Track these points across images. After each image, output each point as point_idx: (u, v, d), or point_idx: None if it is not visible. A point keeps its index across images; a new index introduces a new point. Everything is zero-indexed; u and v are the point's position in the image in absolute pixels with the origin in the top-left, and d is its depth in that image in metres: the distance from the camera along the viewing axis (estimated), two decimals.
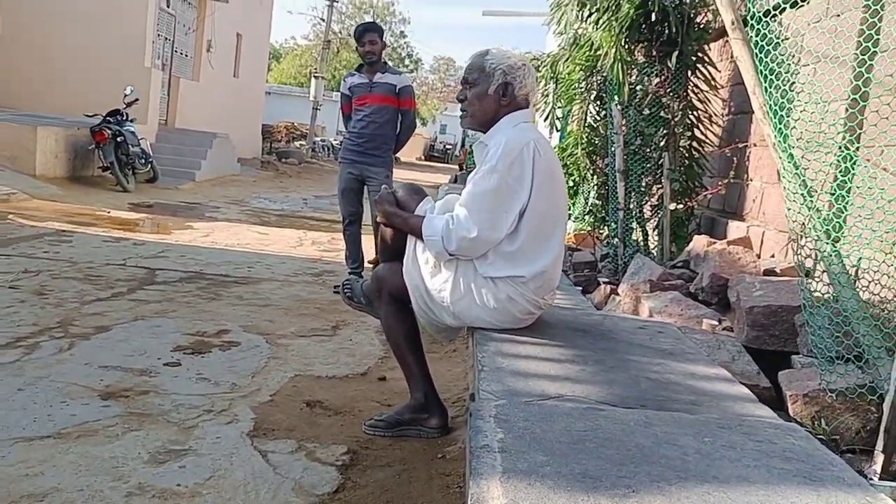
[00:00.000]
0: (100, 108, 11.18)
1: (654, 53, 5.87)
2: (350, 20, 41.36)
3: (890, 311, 2.40)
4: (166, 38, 15.51)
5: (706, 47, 6.03)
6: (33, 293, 4.50)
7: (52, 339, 3.65)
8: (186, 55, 16.83)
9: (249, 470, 2.45)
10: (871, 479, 2.10)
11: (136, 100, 11.63)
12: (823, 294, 2.67)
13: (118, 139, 10.75)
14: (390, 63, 5.67)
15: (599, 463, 1.53)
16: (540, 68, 8.34)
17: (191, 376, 3.33)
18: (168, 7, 15.29)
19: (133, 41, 13.69)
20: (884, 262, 2.48)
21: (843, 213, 2.58)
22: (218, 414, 2.92)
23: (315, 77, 26.48)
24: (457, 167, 31.50)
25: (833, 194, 2.63)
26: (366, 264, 5.61)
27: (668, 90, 5.82)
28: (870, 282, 2.52)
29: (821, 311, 2.61)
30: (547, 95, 8.16)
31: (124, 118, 11.25)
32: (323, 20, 31.39)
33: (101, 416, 2.77)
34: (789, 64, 2.80)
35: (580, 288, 5.79)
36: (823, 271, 2.67)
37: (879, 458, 2.19)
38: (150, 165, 11.73)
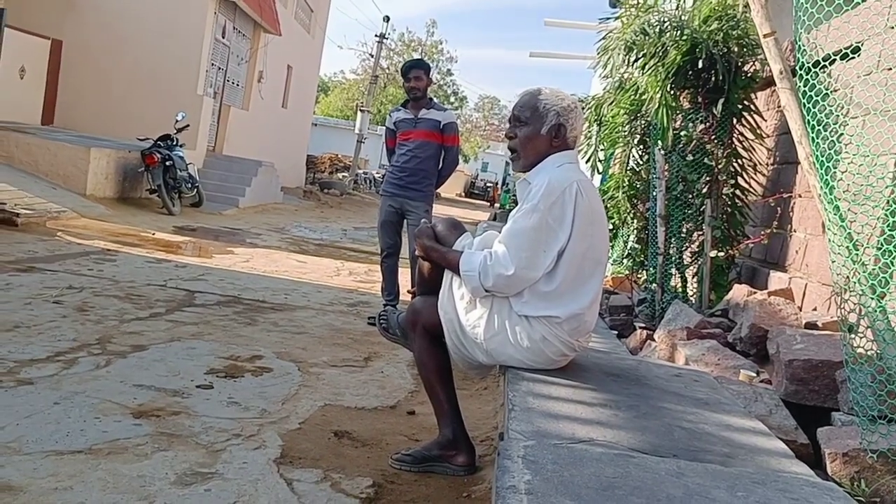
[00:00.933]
0: (152, 132, 11.49)
1: (700, 100, 5.84)
2: (398, 56, 42.04)
3: None
4: (219, 68, 15.92)
5: (753, 96, 5.99)
6: (75, 309, 4.59)
7: (91, 356, 3.71)
8: (238, 84, 17.25)
9: (274, 497, 2.44)
10: None
11: (187, 126, 11.92)
12: (867, 350, 2.60)
13: (167, 163, 11.01)
14: (436, 100, 5.73)
15: None
16: (584, 110, 8.37)
17: (222, 399, 3.36)
18: (223, 38, 15.72)
19: (187, 69, 14.08)
20: None
21: (889, 268, 2.52)
22: (246, 439, 2.92)
23: (361, 111, 26.92)
24: (491, 203, 31.54)
25: (880, 248, 2.57)
26: (401, 296, 5.62)
27: (713, 137, 5.77)
28: None
29: (863, 368, 2.54)
30: (590, 138, 8.17)
31: (174, 143, 11.53)
32: (372, 56, 31.99)
33: (132, 435, 2.80)
34: (837, 115, 2.77)
35: (616, 332, 5.72)
36: (868, 327, 2.60)
37: None
38: (196, 190, 11.98)
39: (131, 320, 4.56)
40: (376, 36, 29.09)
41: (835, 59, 2.94)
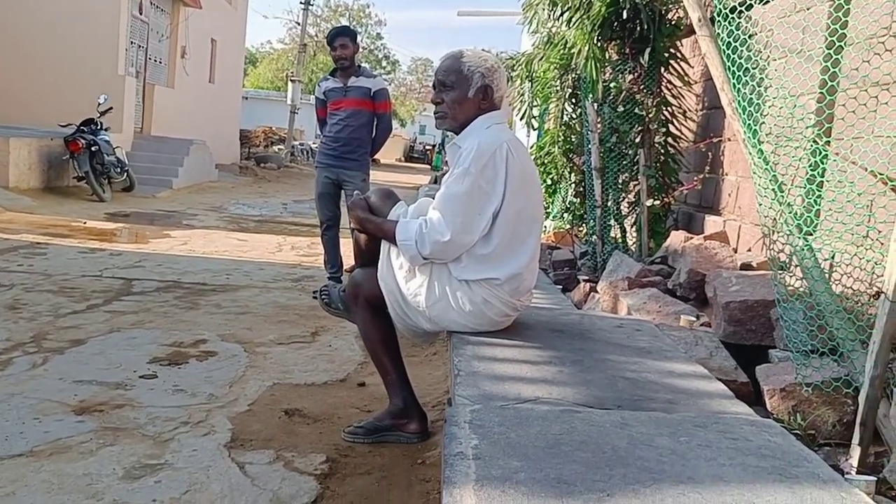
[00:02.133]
0: (73, 118, 11.06)
1: (627, 51, 5.88)
2: (325, 23, 41.30)
3: (863, 304, 2.41)
4: (140, 46, 15.38)
5: (678, 43, 6.06)
6: (6, 307, 4.43)
7: (26, 355, 3.59)
8: (160, 62, 16.70)
9: (226, 483, 2.42)
10: (847, 472, 2.11)
11: (111, 108, 11.51)
12: (798, 288, 2.68)
13: (93, 148, 10.63)
14: (366, 65, 5.64)
15: (574, 467, 1.52)
16: (515, 67, 8.37)
17: (167, 388, 3.29)
18: (140, 14, 15.16)
19: (105, 49, 13.56)
20: (855, 255, 2.49)
21: (814, 207, 2.59)
22: (194, 426, 2.88)
23: (292, 81, 26.38)
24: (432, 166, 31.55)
25: (804, 188, 2.64)
26: (345, 270, 5.58)
27: (642, 87, 5.83)
28: (842, 275, 2.54)
29: (795, 306, 2.62)
30: (523, 95, 8.18)
31: (98, 127, 11.14)
32: (298, 24, 31.35)
33: (75, 433, 2.73)
34: (758, 59, 2.81)
35: (560, 286, 5.79)
36: (797, 265, 2.68)
37: (856, 452, 2.20)
38: (125, 174, 11.62)
39: (67, 314, 4.43)
40: (301, 3, 28.42)
41: (752, 4, 2.97)
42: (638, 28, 5.71)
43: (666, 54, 5.93)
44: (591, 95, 5.97)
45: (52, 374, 3.34)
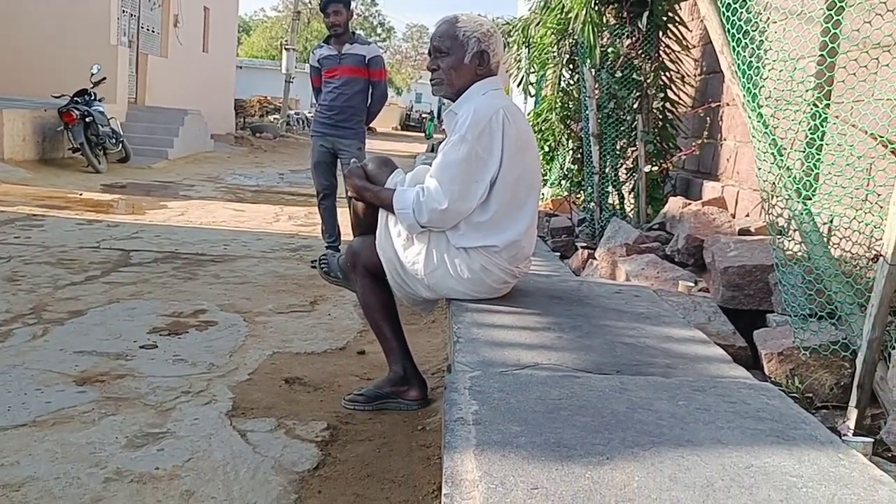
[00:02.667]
0: (67, 89, 10.97)
1: (625, 15, 5.82)
2: None
3: (861, 267, 2.41)
4: (131, 14, 15.18)
5: (676, 7, 5.99)
6: (5, 279, 4.43)
7: (26, 326, 3.60)
8: (153, 31, 16.50)
9: (228, 450, 2.44)
10: (844, 434, 2.13)
11: (104, 78, 11.41)
12: (796, 252, 2.68)
13: (87, 119, 10.56)
14: (360, 33, 5.57)
15: (574, 431, 1.53)
16: (512, 33, 8.28)
17: (167, 358, 3.31)
18: None
19: (97, 18, 13.39)
20: (854, 218, 2.49)
21: (813, 170, 2.58)
22: (196, 395, 2.90)
23: (286, 49, 26.07)
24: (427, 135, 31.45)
25: (804, 152, 2.63)
26: (343, 237, 5.57)
27: (640, 52, 5.78)
28: (841, 239, 2.54)
29: (793, 270, 2.62)
30: (520, 61, 8.10)
31: (92, 98, 11.05)
32: None
33: (77, 402, 2.74)
34: (757, 22, 2.78)
35: (558, 253, 5.79)
36: (795, 230, 2.68)
37: (853, 414, 2.22)
38: (121, 145, 11.55)
39: (66, 286, 4.42)
40: None
41: None
42: None
43: (664, 18, 5.87)
44: (588, 61, 5.92)
45: (52, 345, 3.35)
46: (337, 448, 2.52)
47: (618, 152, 6.05)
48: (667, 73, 5.98)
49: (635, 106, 5.90)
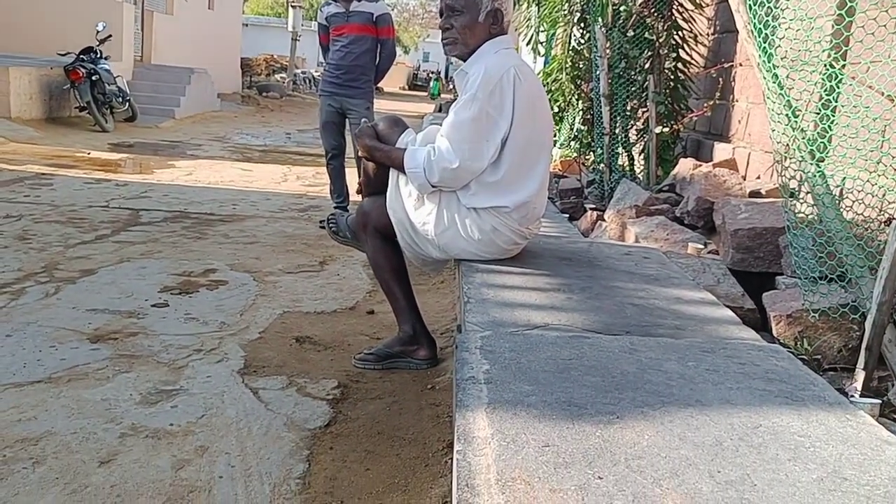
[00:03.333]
0: (72, 47, 10.90)
1: None
2: None
3: (873, 230, 2.40)
4: None
5: None
6: (16, 238, 4.46)
7: (38, 284, 3.63)
8: None
9: (241, 407, 2.47)
10: (851, 395, 2.14)
11: (110, 36, 11.32)
12: (807, 215, 2.67)
13: (93, 78, 10.50)
14: None
15: (584, 391, 1.54)
16: None
17: (179, 317, 3.34)
18: None
19: None
20: (868, 181, 2.47)
21: (827, 132, 2.56)
22: (208, 353, 2.93)
23: (293, 6, 25.73)
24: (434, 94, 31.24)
25: (818, 114, 2.60)
26: (351, 197, 5.57)
27: (653, 10, 5.68)
28: (853, 201, 2.52)
29: (804, 232, 2.62)
30: (529, 19, 7.99)
31: (98, 56, 10.97)
32: None
33: (91, 360, 2.78)
34: None
35: (567, 215, 5.78)
36: (808, 192, 2.66)
37: (860, 376, 2.23)
38: (127, 104, 11.50)
39: (76, 245, 4.45)
40: None
41: None
42: None
43: None
44: (600, 19, 5.83)
45: (65, 304, 3.38)
46: (348, 406, 2.56)
47: (628, 113, 5.99)
48: (679, 33, 5.89)
49: (647, 66, 5.83)
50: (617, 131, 5.89)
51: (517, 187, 2.49)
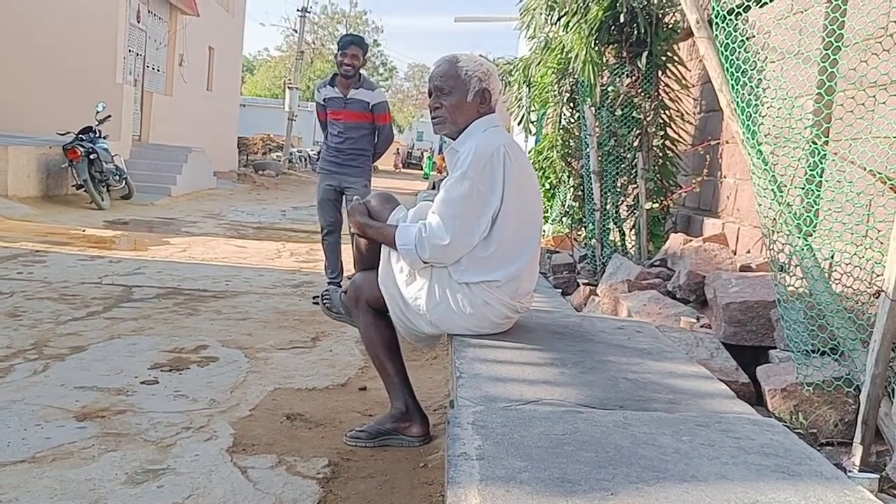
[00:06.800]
0: (72, 126, 11.08)
1: (625, 54, 5.90)
2: (323, 30, 41.38)
3: (863, 303, 2.42)
4: (138, 54, 15.41)
5: (675, 46, 6.08)
6: (6, 315, 4.43)
7: (27, 361, 3.59)
8: (158, 70, 16.73)
9: (229, 487, 2.42)
10: (849, 471, 2.11)
11: (109, 116, 11.53)
12: (797, 288, 2.69)
13: (91, 156, 10.64)
14: (365, 74, 5.63)
15: (578, 466, 1.52)
16: (513, 72, 8.39)
17: (168, 394, 3.29)
18: (138, 22, 15.19)
19: (103, 57, 13.59)
20: (855, 254, 2.50)
21: (813, 207, 2.60)
22: (196, 431, 2.88)
23: (290, 88, 26.43)
24: (432, 174, 31.69)
25: (803, 189, 2.65)
26: (345, 275, 5.59)
27: (640, 90, 5.85)
28: (842, 274, 2.54)
29: (795, 306, 2.63)
30: (520, 99, 8.20)
31: (97, 135, 11.15)
32: (296, 31, 31.41)
33: (77, 438, 2.72)
34: (756, 61, 2.82)
35: (560, 290, 5.80)
36: (797, 266, 2.68)
37: (858, 450, 2.20)
38: (124, 182, 11.62)
39: (67, 321, 4.42)
40: (298, 10, 28.51)
41: (750, 6, 2.99)
42: (635, 32, 5.73)
43: (663, 58, 5.96)
44: (588, 99, 5.99)
45: (53, 381, 3.34)
46: (338, 485, 2.50)
47: (618, 189, 6.09)
48: (666, 112, 6.05)
49: (635, 144, 5.95)
50: (608, 207, 5.98)
51: (508, 262, 2.51)
